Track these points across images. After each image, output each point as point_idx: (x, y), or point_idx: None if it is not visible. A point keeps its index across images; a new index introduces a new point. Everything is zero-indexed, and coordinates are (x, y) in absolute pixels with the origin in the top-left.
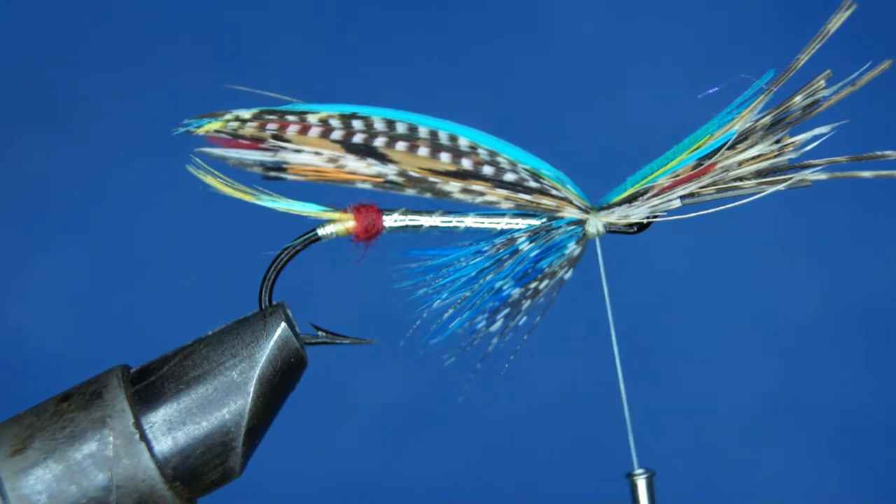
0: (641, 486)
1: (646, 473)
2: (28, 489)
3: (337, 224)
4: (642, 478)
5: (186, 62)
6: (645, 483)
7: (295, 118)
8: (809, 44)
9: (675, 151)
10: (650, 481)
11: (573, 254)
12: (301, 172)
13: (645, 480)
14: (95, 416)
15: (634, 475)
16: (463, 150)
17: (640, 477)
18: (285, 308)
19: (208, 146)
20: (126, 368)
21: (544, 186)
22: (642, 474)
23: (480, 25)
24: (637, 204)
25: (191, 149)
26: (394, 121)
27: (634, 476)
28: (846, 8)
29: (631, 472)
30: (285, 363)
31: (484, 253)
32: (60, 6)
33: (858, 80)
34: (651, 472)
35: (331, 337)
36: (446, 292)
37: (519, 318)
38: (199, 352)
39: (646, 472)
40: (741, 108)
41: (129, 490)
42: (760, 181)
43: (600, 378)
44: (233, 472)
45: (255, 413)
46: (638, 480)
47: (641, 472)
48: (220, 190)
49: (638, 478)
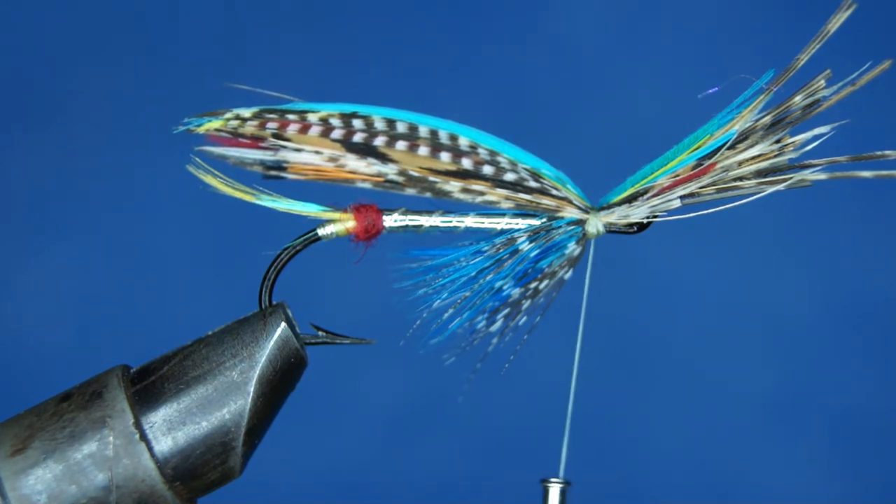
0: (554, 494)
1: (560, 483)
2: (28, 489)
3: (337, 224)
4: (556, 486)
5: (187, 61)
6: (558, 493)
7: (295, 117)
8: (809, 44)
9: (675, 151)
10: (563, 493)
11: (573, 254)
12: (301, 171)
13: (559, 490)
14: (95, 416)
15: (549, 482)
16: (463, 150)
17: (553, 485)
18: (285, 308)
19: (209, 145)
20: (126, 368)
21: (544, 186)
22: (557, 483)
23: (481, 25)
24: (637, 204)
25: (191, 148)
26: (394, 120)
27: (548, 483)
28: (846, 8)
29: (545, 479)
30: (285, 363)
31: (484, 253)
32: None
33: (858, 80)
34: (566, 483)
35: (331, 337)
36: (446, 292)
37: (519, 318)
38: (199, 352)
39: (561, 482)
40: (741, 108)
41: (129, 490)
42: (760, 181)
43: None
44: (233, 472)
45: (255, 413)
46: (551, 488)
47: (556, 481)
48: (220, 190)
49: (551, 486)
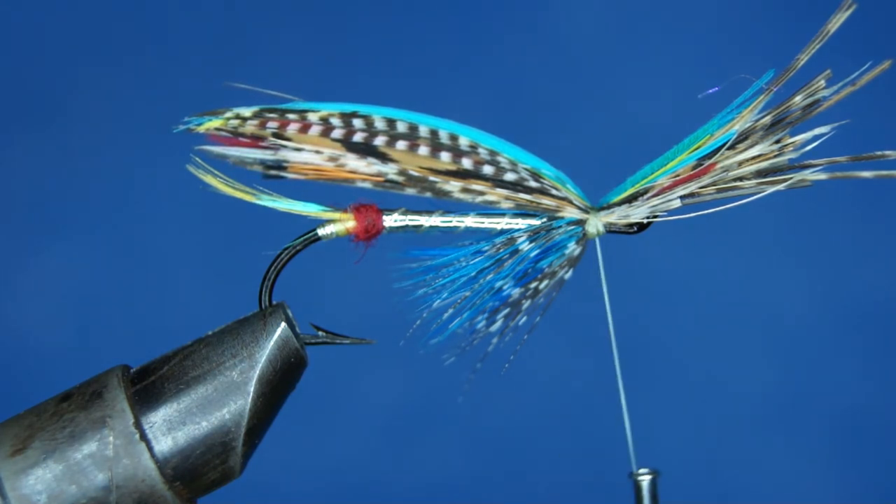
0: (645, 486)
1: (650, 474)
2: (28, 489)
3: (337, 224)
4: (646, 478)
5: (187, 61)
6: (649, 483)
7: (295, 116)
8: (809, 44)
9: (675, 151)
10: (654, 482)
11: (573, 254)
12: (301, 171)
13: (649, 481)
14: (95, 416)
15: (638, 475)
16: (463, 150)
17: (644, 477)
18: (285, 308)
19: (209, 144)
20: (126, 368)
21: (544, 186)
22: (646, 474)
23: (481, 25)
24: (637, 204)
25: (191, 148)
26: (394, 120)
27: (638, 476)
28: (846, 8)
29: (634, 472)
30: (285, 363)
31: (484, 253)
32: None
33: (858, 80)
34: (655, 472)
35: (331, 337)
36: (446, 292)
37: (519, 318)
38: (199, 352)
39: (650, 473)
40: (741, 108)
41: (129, 490)
42: (760, 181)
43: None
44: (233, 472)
45: (255, 413)
46: (642, 481)
47: (645, 472)
48: (220, 189)
49: (642, 478)
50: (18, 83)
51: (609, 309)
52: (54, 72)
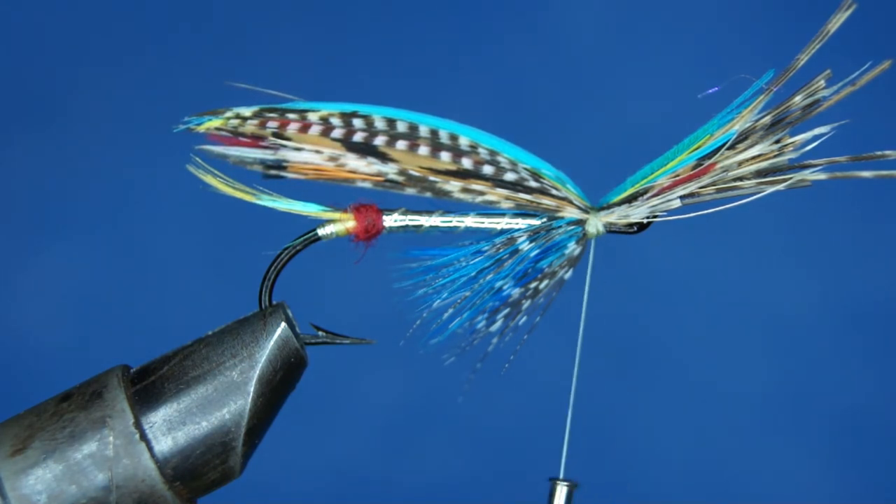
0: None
1: (568, 484)
2: (28, 489)
3: (337, 224)
4: (563, 487)
5: (187, 61)
6: (565, 493)
7: (295, 116)
8: (809, 44)
9: (675, 151)
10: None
11: (573, 254)
12: (301, 171)
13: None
14: (95, 416)
15: (557, 482)
16: (463, 150)
17: (561, 485)
18: (285, 308)
19: (209, 144)
20: (126, 368)
21: (544, 186)
22: (565, 484)
23: (481, 25)
24: (637, 204)
25: (191, 148)
26: (394, 119)
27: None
28: (846, 8)
29: (554, 478)
30: (285, 363)
31: (484, 253)
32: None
33: (858, 80)
34: (574, 484)
35: (331, 337)
36: (446, 292)
37: (519, 318)
38: (199, 352)
39: (569, 483)
40: (741, 108)
41: (129, 490)
42: (760, 181)
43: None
44: (233, 472)
45: (255, 413)
46: (558, 488)
47: (565, 482)
48: (220, 189)
49: (559, 486)
50: (18, 83)
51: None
52: (54, 72)
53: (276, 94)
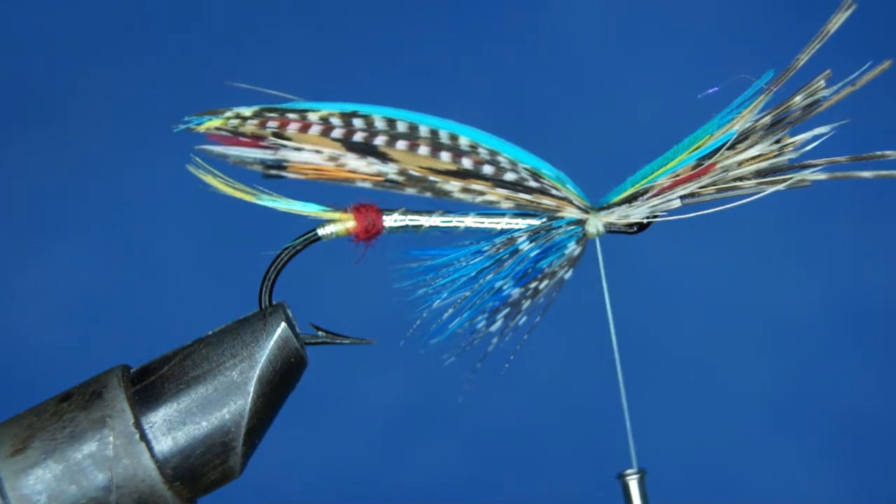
0: (633, 486)
1: (637, 473)
2: (28, 489)
3: (337, 224)
4: (633, 478)
5: (187, 61)
6: (636, 483)
7: (296, 116)
8: (809, 44)
9: (675, 151)
10: (641, 481)
11: (573, 254)
12: (301, 171)
13: (636, 481)
14: (95, 416)
15: (626, 476)
16: (463, 150)
17: (631, 477)
18: (285, 308)
19: (209, 144)
20: (126, 368)
21: (544, 186)
22: (633, 474)
23: (481, 25)
24: (637, 204)
25: (191, 148)
26: (394, 119)
27: (626, 477)
28: (846, 8)
29: (622, 473)
30: (285, 363)
31: (484, 253)
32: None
33: (858, 80)
34: (642, 472)
35: (331, 337)
36: (446, 292)
37: (519, 318)
38: (199, 352)
39: (637, 472)
40: (741, 108)
41: (129, 490)
42: (760, 181)
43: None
44: (233, 472)
45: (255, 413)
46: (629, 481)
47: (632, 473)
48: (220, 189)
49: (629, 478)
50: (18, 83)
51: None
52: (54, 72)
53: (276, 94)
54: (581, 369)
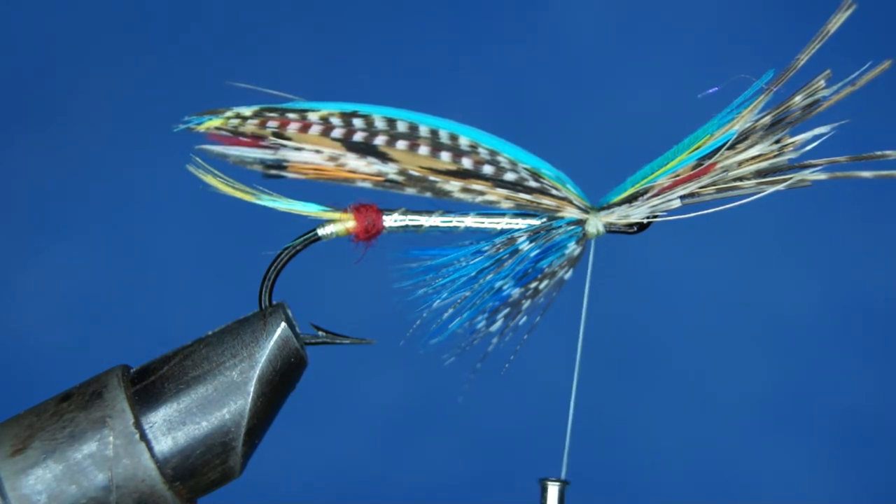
0: (552, 493)
1: (559, 482)
2: (28, 489)
3: (337, 224)
4: (554, 486)
5: (187, 61)
6: (556, 492)
7: (296, 116)
8: (809, 44)
9: (675, 151)
10: (562, 492)
11: (573, 254)
12: (301, 170)
13: (557, 489)
14: (95, 416)
15: (547, 481)
16: (463, 150)
17: (552, 485)
18: (285, 308)
19: (209, 143)
20: (126, 368)
21: (544, 186)
22: (555, 482)
23: (481, 25)
24: (637, 204)
25: (191, 148)
26: (394, 119)
27: (547, 482)
28: (846, 8)
29: (544, 478)
30: (285, 363)
31: (484, 253)
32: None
33: (858, 80)
34: (565, 483)
35: (331, 337)
36: (446, 292)
37: (519, 318)
38: (199, 352)
39: (559, 482)
40: (741, 108)
41: (129, 490)
42: (760, 181)
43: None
44: (233, 472)
45: (255, 413)
46: (549, 487)
47: (555, 481)
48: (220, 189)
49: (550, 485)
50: (18, 83)
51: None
52: (54, 72)
53: (276, 93)
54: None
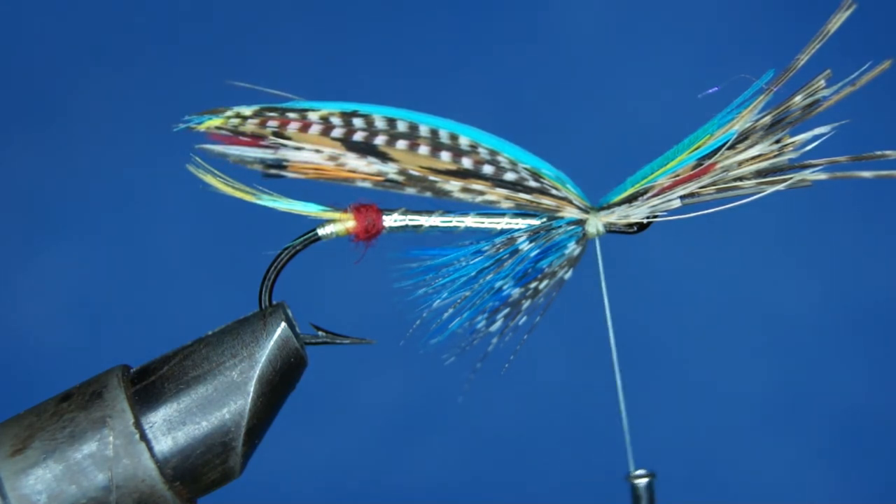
0: (642, 488)
1: (647, 476)
2: (28, 489)
3: (337, 224)
4: (643, 480)
5: (187, 61)
6: (645, 486)
7: (296, 115)
8: (809, 44)
9: (675, 151)
10: (651, 484)
11: (573, 254)
12: (301, 170)
13: (646, 483)
14: (95, 416)
15: (634, 477)
16: (463, 149)
17: (640, 480)
18: (285, 308)
19: (209, 143)
20: (126, 368)
21: (544, 186)
22: (643, 476)
23: (481, 25)
24: (637, 204)
25: (191, 148)
26: (395, 119)
27: (634, 478)
28: (846, 8)
29: (631, 474)
30: (285, 363)
31: (484, 253)
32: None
33: (858, 80)
34: (652, 475)
35: (331, 337)
36: (446, 292)
37: (519, 318)
38: (199, 352)
39: (647, 475)
40: (741, 108)
41: (129, 490)
42: (760, 181)
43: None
44: (233, 472)
45: (255, 413)
46: (639, 483)
47: (642, 474)
48: (220, 189)
49: (639, 480)
50: (19, 83)
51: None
52: (54, 71)
53: (276, 93)
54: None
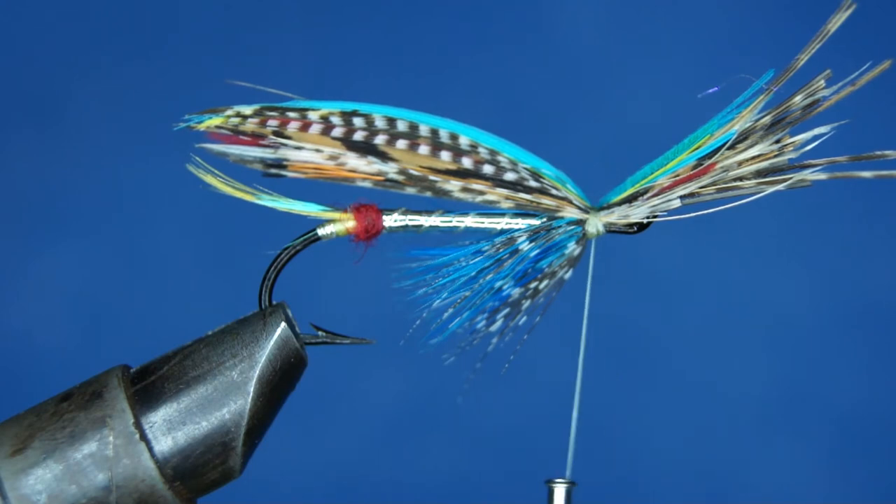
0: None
1: (566, 483)
2: (28, 489)
3: (337, 224)
4: (561, 487)
5: (187, 60)
6: (563, 493)
7: (296, 115)
8: (809, 44)
9: (675, 151)
10: (569, 493)
11: (573, 254)
12: (301, 170)
13: (564, 490)
14: (95, 415)
15: (554, 483)
16: (463, 149)
17: (558, 485)
18: (285, 308)
19: (209, 142)
20: (126, 368)
21: (544, 186)
22: (562, 483)
23: (481, 25)
24: (637, 204)
25: (191, 148)
26: (395, 118)
27: (553, 483)
28: (846, 8)
29: (550, 479)
30: (285, 363)
31: (484, 252)
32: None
33: (858, 80)
34: (571, 483)
35: (331, 337)
36: (446, 292)
37: (519, 318)
38: (199, 352)
39: (566, 482)
40: (741, 108)
41: (129, 490)
42: (760, 181)
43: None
44: (233, 472)
45: (255, 413)
46: (556, 489)
47: (561, 481)
48: (220, 189)
49: (556, 486)
50: (19, 83)
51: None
52: (55, 71)
53: (276, 92)
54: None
